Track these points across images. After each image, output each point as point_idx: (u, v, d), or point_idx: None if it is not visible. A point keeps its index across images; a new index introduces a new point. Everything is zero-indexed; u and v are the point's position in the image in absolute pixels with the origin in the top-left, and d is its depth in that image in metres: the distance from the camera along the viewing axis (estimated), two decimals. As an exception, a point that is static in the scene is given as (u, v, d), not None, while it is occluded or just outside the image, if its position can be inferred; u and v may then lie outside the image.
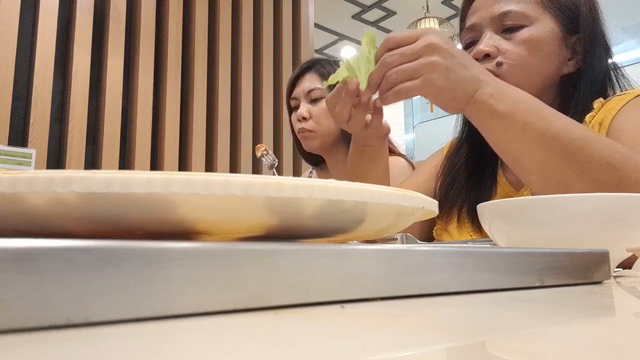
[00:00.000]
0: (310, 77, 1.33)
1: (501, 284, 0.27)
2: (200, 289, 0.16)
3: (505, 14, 0.74)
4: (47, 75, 2.10)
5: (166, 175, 0.20)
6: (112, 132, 2.23)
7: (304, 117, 1.29)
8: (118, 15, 2.32)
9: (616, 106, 0.69)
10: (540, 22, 0.74)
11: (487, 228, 0.47)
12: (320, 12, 4.07)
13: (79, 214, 0.20)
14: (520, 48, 0.73)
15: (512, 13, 0.74)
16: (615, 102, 0.70)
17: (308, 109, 1.30)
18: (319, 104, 1.30)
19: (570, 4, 0.75)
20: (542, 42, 0.73)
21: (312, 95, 1.31)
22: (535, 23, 0.74)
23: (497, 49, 0.74)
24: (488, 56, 0.74)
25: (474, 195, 0.79)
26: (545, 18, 0.74)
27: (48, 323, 0.14)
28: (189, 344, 0.13)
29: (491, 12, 0.75)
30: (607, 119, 0.69)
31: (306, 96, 1.31)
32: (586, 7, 0.75)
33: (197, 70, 2.50)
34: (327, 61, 1.36)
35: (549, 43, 0.73)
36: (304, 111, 1.30)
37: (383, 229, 0.29)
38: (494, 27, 0.75)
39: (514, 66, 0.73)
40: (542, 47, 0.73)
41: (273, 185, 0.21)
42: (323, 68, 1.33)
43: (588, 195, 0.41)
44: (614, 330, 0.19)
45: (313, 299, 0.19)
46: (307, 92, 1.31)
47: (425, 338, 0.16)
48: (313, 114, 1.30)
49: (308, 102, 1.31)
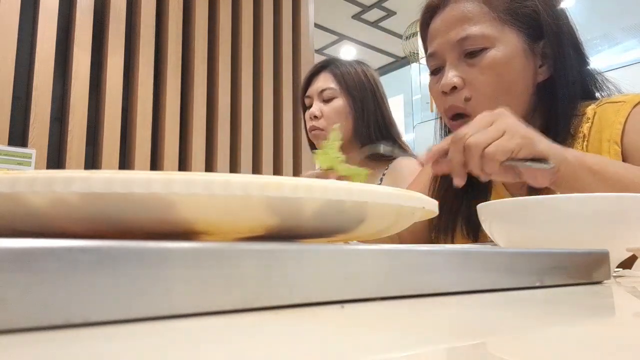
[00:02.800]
0: (324, 77, 1.33)
1: (501, 284, 0.27)
2: (200, 289, 0.16)
3: (464, 39, 0.71)
4: (47, 75, 2.10)
5: (166, 175, 0.20)
6: (112, 132, 2.23)
7: (316, 116, 1.30)
8: (118, 15, 2.31)
9: (616, 118, 0.68)
10: (502, 39, 0.71)
11: (487, 228, 0.47)
12: (320, 12, 4.07)
13: (79, 214, 0.20)
14: (486, 75, 0.70)
15: (470, 38, 0.71)
16: (612, 113, 0.69)
17: (320, 107, 1.31)
18: (331, 104, 1.31)
19: (529, 12, 0.72)
20: (508, 61, 0.71)
21: (324, 95, 1.31)
22: (497, 43, 0.71)
23: (462, 80, 0.72)
24: (455, 88, 0.72)
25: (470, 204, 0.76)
26: (506, 33, 0.71)
27: (48, 323, 0.14)
28: (189, 344, 0.13)
29: (449, 38, 0.73)
30: (613, 133, 0.67)
31: (319, 95, 1.32)
32: (546, 12, 0.73)
33: (197, 70, 2.50)
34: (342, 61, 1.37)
35: (516, 60, 0.71)
36: (315, 110, 1.31)
37: (383, 229, 0.29)
38: (455, 53, 0.73)
39: (482, 97, 0.71)
40: (510, 67, 0.71)
41: (273, 185, 0.21)
42: (337, 68, 1.33)
43: (588, 195, 0.41)
44: (614, 330, 0.19)
45: (313, 299, 0.19)
46: (320, 92, 1.32)
47: (425, 338, 0.16)
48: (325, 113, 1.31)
49: (320, 101, 1.32)
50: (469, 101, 0.71)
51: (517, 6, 0.72)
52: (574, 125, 0.72)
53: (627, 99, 0.70)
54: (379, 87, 1.35)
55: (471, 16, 0.72)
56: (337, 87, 1.31)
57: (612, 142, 0.67)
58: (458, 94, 0.72)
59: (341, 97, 1.31)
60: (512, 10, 0.72)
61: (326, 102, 1.32)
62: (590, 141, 0.70)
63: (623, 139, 0.67)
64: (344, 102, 1.31)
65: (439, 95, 0.76)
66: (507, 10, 0.72)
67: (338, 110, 1.30)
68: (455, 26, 0.73)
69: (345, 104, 1.30)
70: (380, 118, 1.31)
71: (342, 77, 1.32)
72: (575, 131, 0.71)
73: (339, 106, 1.30)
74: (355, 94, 1.30)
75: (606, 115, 0.70)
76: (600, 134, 0.69)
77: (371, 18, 4.75)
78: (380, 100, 1.33)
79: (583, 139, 0.70)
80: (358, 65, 1.35)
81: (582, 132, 0.70)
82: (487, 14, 0.72)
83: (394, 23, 4.80)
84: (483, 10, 0.72)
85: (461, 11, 0.73)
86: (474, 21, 0.72)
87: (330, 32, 4.95)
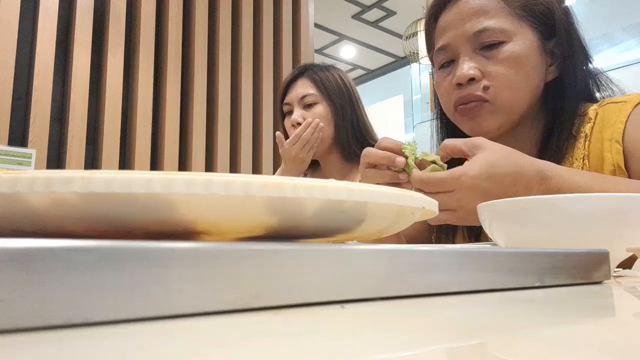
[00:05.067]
0: (302, 83, 1.32)
1: (501, 284, 0.27)
2: (200, 289, 0.16)
3: (482, 32, 0.71)
4: (47, 75, 2.10)
5: (166, 175, 0.20)
6: (112, 132, 2.23)
7: (299, 123, 1.29)
8: (118, 15, 2.31)
9: (618, 117, 0.68)
10: (519, 35, 0.71)
11: (487, 228, 0.47)
12: (320, 12, 4.07)
13: (79, 214, 0.20)
14: (504, 67, 0.70)
15: (488, 30, 0.70)
16: (614, 113, 0.69)
17: (302, 114, 1.30)
18: (313, 109, 1.30)
19: (544, 10, 0.73)
20: (525, 57, 0.70)
21: (305, 100, 1.30)
22: (514, 37, 0.70)
23: (480, 71, 0.71)
24: (472, 80, 0.71)
25: None
26: (522, 29, 0.71)
27: (48, 323, 0.14)
28: (189, 344, 0.13)
29: (465, 31, 0.72)
30: (615, 132, 0.68)
31: (300, 102, 1.31)
32: (560, 11, 0.73)
33: (197, 70, 2.50)
34: (319, 66, 1.36)
35: (531, 56, 0.71)
36: (298, 116, 1.29)
37: (383, 229, 0.29)
38: (470, 46, 0.72)
39: (502, 87, 0.70)
40: (526, 62, 0.70)
41: (273, 185, 0.21)
42: (315, 74, 1.32)
43: (588, 195, 0.41)
44: (614, 330, 0.19)
45: (313, 299, 0.19)
46: (301, 98, 1.30)
47: (425, 338, 0.16)
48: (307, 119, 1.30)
49: (302, 107, 1.31)
50: (488, 89, 0.70)
51: (533, 3, 0.72)
52: (576, 125, 0.72)
53: (629, 98, 0.71)
54: (355, 91, 1.35)
55: (487, 9, 0.71)
56: (317, 93, 1.30)
57: (614, 140, 0.67)
58: (475, 85, 0.71)
59: (322, 102, 1.30)
60: (527, 7, 0.72)
61: (307, 108, 1.30)
62: (592, 141, 0.70)
63: (624, 137, 0.67)
64: (326, 108, 1.30)
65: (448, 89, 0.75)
66: (522, 6, 0.72)
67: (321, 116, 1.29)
68: (471, 18, 0.72)
69: (328, 110, 1.29)
70: (357, 122, 1.31)
71: (321, 83, 1.31)
72: (577, 131, 0.71)
73: (321, 112, 1.29)
74: (336, 99, 1.29)
75: (608, 114, 0.70)
76: (602, 134, 0.69)
77: (371, 18, 4.75)
78: (357, 105, 1.33)
79: (585, 139, 0.70)
80: (334, 70, 1.35)
81: (584, 132, 0.70)
82: (504, 8, 0.72)
83: (394, 23, 4.80)
84: (499, 4, 0.72)
85: (477, 4, 0.72)
86: (490, 14, 0.71)
87: (330, 32, 4.95)
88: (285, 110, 1.35)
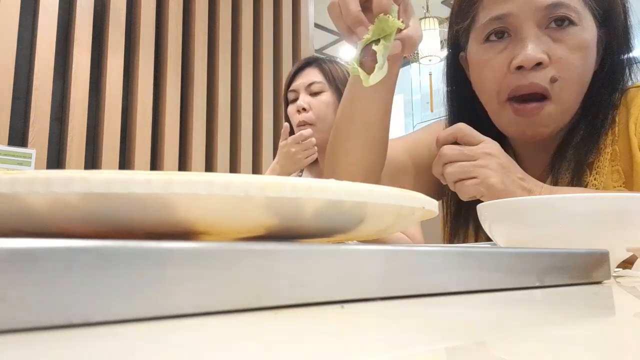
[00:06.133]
0: (311, 71, 1.33)
1: (501, 284, 0.27)
2: (200, 289, 0.16)
3: (556, 6, 0.61)
4: (47, 75, 2.10)
5: (166, 175, 0.20)
6: (112, 132, 2.23)
7: (304, 108, 1.29)
8: (118, 15, 2.31)
9: None
10: (585, 21, 0.63)
11: (487, 228, 0.47)
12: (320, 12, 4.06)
13: (79, 214, 0.20)
14: (573, 56, 0.62)
15: (563, 6, 0.61)
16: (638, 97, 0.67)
17: (308, 100, 1.30)
18: (320, 97, 1.30)
19: None
20: (591, 47, 0.63)
21: (312, 88, 1.31)
22: (583, 22, 0.63)
23: (547, 56, 0.61)
24: (539, 64, 0.61)
25: None
26: (587, 16, 0.64)
27: (48, 323, 0.14)
28: (189, 344, 0.13)
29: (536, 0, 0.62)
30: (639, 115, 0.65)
31: (306, 89, 1.31)
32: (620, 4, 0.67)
33: (197, 70, 2.50)
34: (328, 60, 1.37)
35: (593, 47, 0.64)
36: (303, 102, 1.29)
37: (383, 229, 0.29)
38: (537, 20, 0.62)
39: (569, 81, 0.62)
40: (591, 54, 0.64)
41: (273, 185, 0.21)
42: (324, 64, 1.33)
43: (588, 195, 0.41)
44: (614, 330, 0.19)
45: (313, 299, 0.19)
46: (308, 85, 1.31)
47: (425, 338, 0.16)
48: (313, 106, 1.30)
49: (308, 94, 1.31)
50: (555, 83, 0.62)
51: None
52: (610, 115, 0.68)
53: None
54: None
55: None
56: (324, 82, 1.31)
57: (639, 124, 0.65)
58: (541, 73, 0.61)
59: (328, 91, 1.30)
60: None
61: (314, 96, 1.31)
62: (619, 126, 0.68)
63: None
64: (332, 97, 1.30)
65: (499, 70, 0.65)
66: None
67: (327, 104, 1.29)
68: None
69: (334, 99, 1.29)
70: None
71: (330, 72, 1.32)
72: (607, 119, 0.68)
73: (327, 100, 1.30)
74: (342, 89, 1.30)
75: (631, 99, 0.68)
76: (627, 117, 0.67)
77: (371, 18, 4.75)
78: None
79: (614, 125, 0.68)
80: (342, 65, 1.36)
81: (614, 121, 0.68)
82: None
83: (394, 23, 4.79)
84: None
85: None
86: None
87: (330, 32, 4.95)
88: (290, 98, 1.36)
